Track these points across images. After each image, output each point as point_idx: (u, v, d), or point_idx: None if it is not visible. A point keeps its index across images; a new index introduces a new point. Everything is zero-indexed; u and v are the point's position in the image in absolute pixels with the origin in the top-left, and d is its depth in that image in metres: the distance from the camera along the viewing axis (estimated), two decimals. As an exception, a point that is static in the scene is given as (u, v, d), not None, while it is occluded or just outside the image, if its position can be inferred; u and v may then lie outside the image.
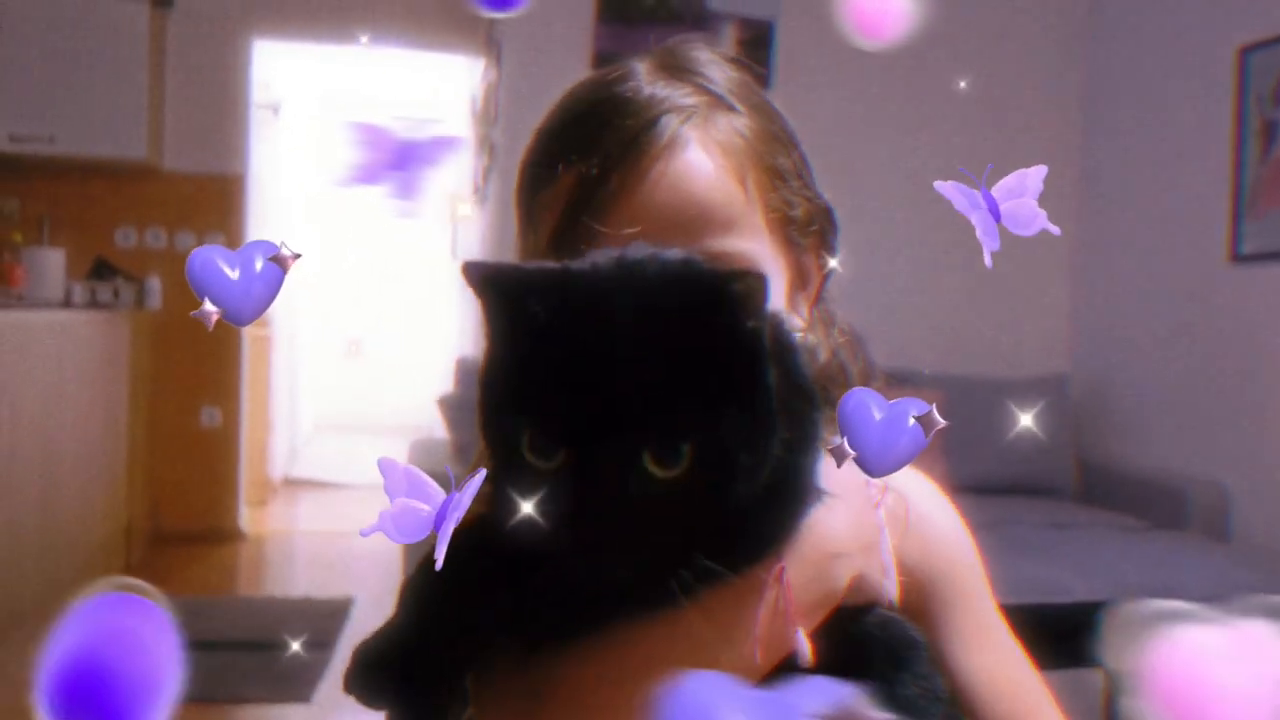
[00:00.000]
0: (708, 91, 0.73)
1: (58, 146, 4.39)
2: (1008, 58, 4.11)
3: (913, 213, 4.03)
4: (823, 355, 0.78)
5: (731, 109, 0.73)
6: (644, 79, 0.72)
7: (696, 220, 0.67)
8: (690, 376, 0.50)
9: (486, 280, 0.52)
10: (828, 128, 3.93)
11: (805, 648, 0.59)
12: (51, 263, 4.34)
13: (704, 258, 0.56)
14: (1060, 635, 2.63)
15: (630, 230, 0.64)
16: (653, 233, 0.63)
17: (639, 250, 0.55)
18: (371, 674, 0.61)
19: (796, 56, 3.87)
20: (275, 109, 6.17)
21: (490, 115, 4.07)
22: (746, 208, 0.71)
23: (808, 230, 0.77)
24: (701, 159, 0.69)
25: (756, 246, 0.71)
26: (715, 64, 0.77)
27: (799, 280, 0.79)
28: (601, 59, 3.71)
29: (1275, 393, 3.26)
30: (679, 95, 0.71)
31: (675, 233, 0.65)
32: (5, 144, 4.35)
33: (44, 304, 4.11)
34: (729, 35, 3.83)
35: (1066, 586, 2.67)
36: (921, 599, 0.74)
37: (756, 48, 3.85)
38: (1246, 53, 3.44)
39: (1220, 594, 2.15)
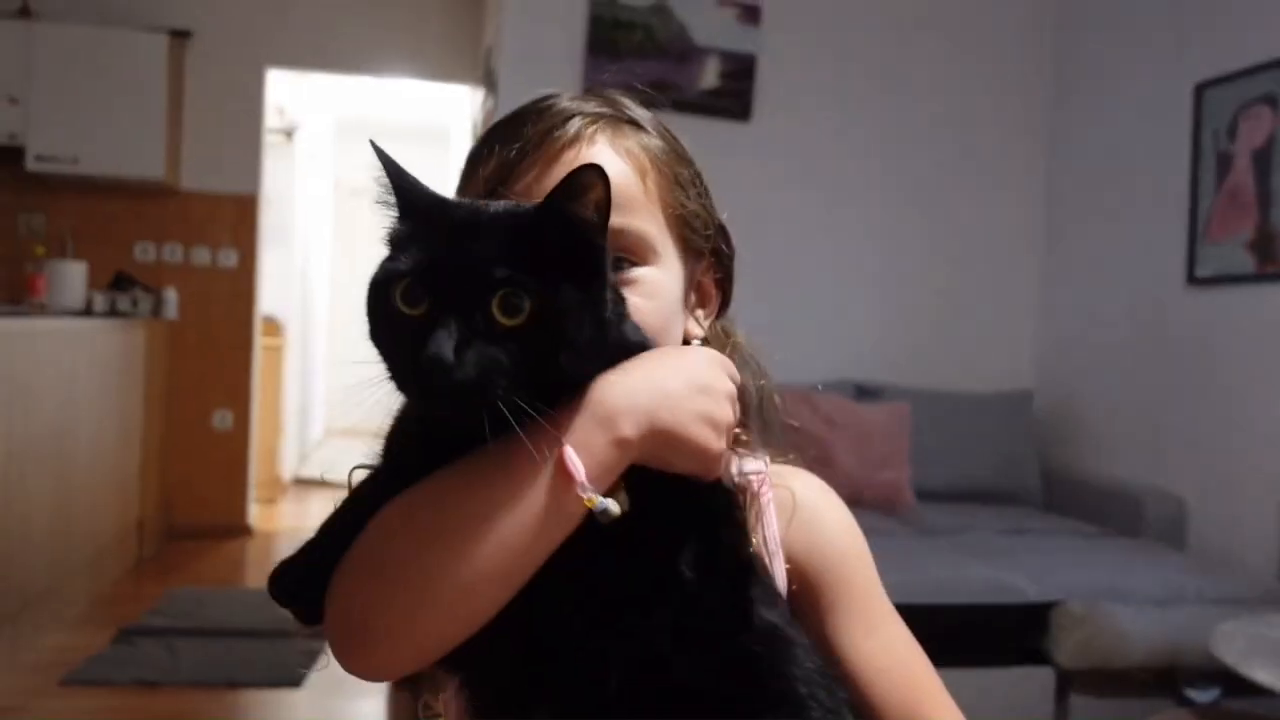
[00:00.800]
0: (618, 110, 0.85)
1: (81, 167, 4.63)
2: (976, 89, 4.29)
3: (887, 234, 4.23)
4: None
5: (638, 127, 0.84)
6: (565, 99, 0.85)
7: None
8: (536, 251, 0.63)
9: (394, 183, 0.68)
10: (806, 154, 4.14)
11: (609, 503, 0.64)
12: (73, 274, 4.57)
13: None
14: (1013, 634, 2.82)
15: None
16: None
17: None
18: (287, 578, 0.71)
19: (776, 87, 4.07)
20: (289, 133, 6.41)
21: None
22: (644, 199, 0.80)
23: (705, 239, 0.86)
24: (605, 151, 0.80)
25: (654, 231, 0.80)
26: (631, 100, 0.88)
27: (700, 297, 0.88)
28: (590, 92, 3.90)
29: (1230, 407, 3.38)
30: (591, 107, 0.83)
31: None
32: (33, 164, 4.59)
33: (65, 312, 4.33)
34: (712, 68, 4.01)
35: (1020, 588, 2.82)
36: (809, 588, 0.79)
37: (739, 79, 4.03)
38: (1203, 89, 3.60)
39: (1169, 597, 2.34)
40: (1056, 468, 4.05)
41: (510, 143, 0.80)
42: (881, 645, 0.78)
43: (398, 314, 0.64)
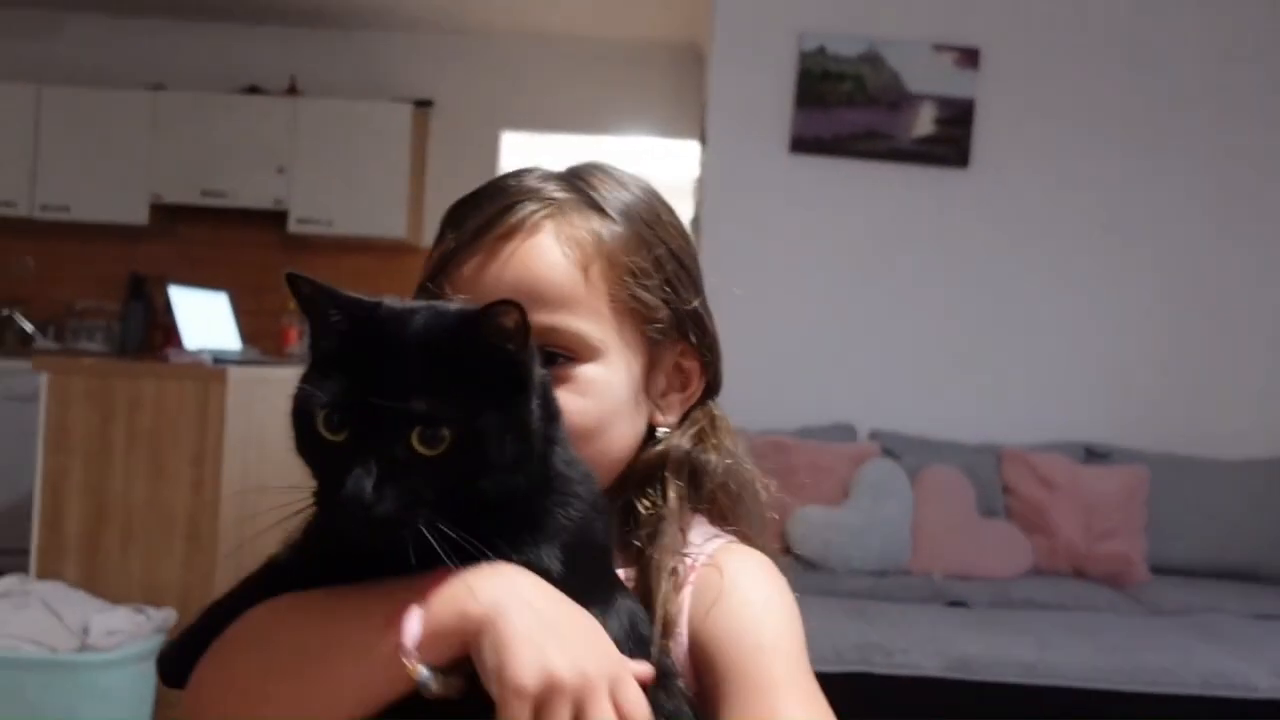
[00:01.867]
0: (581, 194, 0.81)
1: (335, 228, 5.07)
2: (1231, 117, 3.90)
3: (1119, 282, 3.91)
4: (684, 446, 0.82)
5: (599, 211, 0.81)
6: (534, 176, 0.82)
7: (533, 295, 0.74)
8: (456, 373, 0.63)
9: (305, 295, 0.67)
10: (1028, 200, 3.92)
11: (429, 677, 0.61)
12: (324, 327, 4.97)
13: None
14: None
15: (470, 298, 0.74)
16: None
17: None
18: (169, 660, 0.74)
19: (997, 133, 3.88)
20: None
21: (699, 194, 4.32)
22: (586, 292, 0.77)
23: (672, 331, 0.83)
24: (548, 243, 0.78)
25: (592, 328, 0.77)
26: (613, 180, 0.84)
27: (680, 380, 0.85)
28: (798, 142, 3.87)
29: None
30: (551, 190, 0.81)
31: None
32: (294, 226, 5.07)
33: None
34: (927, 115, 3.88)
35: (1251, 682, 2.51)
36: (714, 676, 0.73)
37: (955, 126, 3.88)
38: None
39: None
40: (1325, 545, 3.58)
41: (455, 227, 0.80)
42: None
43: (320, 439, 0.64)
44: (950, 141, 3.89)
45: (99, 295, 5.34)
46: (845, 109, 3.87)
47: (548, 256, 0.77)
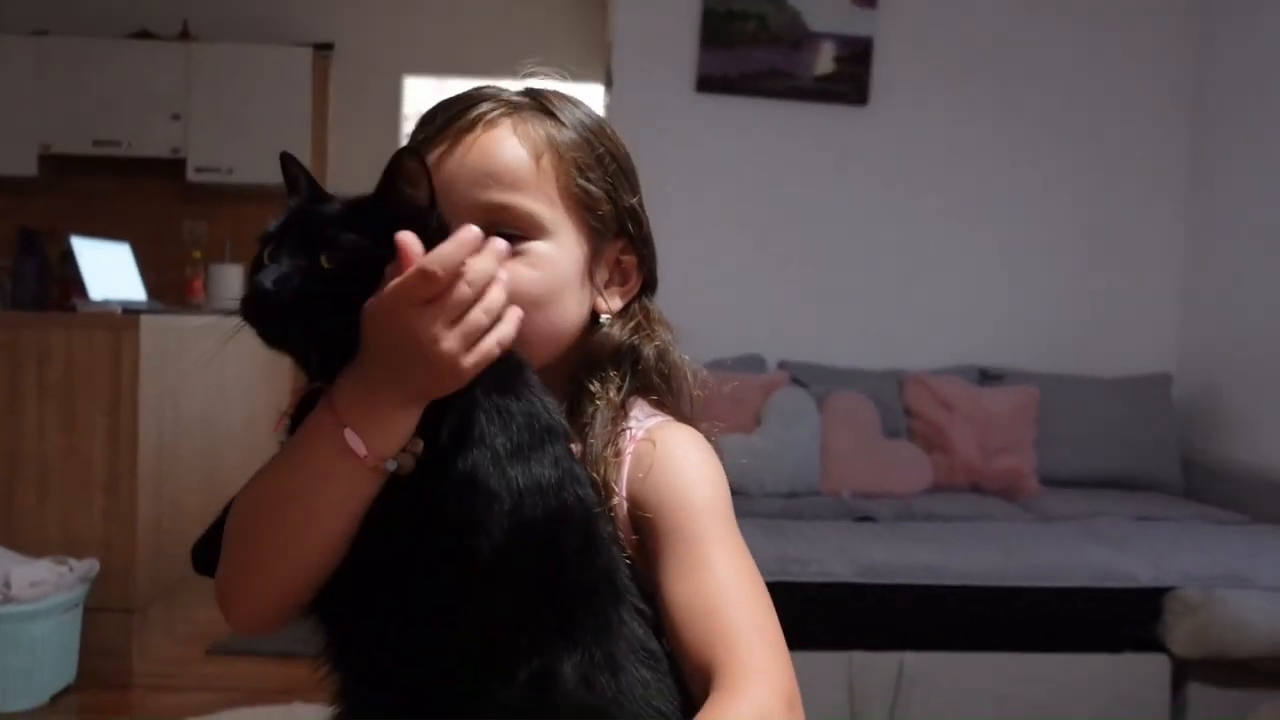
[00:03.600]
0: (537, 102, 0.92)
1: (235, 176, 4.97)
2: (1109, 61, 4.11)
3: (1011, 214, 4.11)
4: (623, 338, 0.92)
5: (552, 116, 0.91)
6: (491, 89, 0.92)
7: (490, 177, 0.86)
8: (374, 219, 0.75)
9: (290, 174, 0.84)
10: (925, 137, 4.07)
11: (392, 464, 0.73)
12: (230, 276, 4.90)
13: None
14: (1126, 621, 2.73)
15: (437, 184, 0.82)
16: (457, 185, 0.85)
17: None
18: (201, 550, 0.85)
19: (894, 70, 4.02)
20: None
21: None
22: (537, 178, 0.87)
23: (608, 221, 0.92)
24: (504, 135, 0.88)
25: (542, 209, 0.87)
26: (565, 99, 0.94)
27: (620, 275, 0.96)
28: (704, 81, 3.94)
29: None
30: (510, 95, 0.92)
31: (472, 185, 0.85)
32: (193, 175, 4.96)
33: (220, 312, 4.63)
34: (827, 53, 3.99)
35: (1133, 573, 2.71)
36: (650, 533, 0.83)
37: (855, 64, 3.99)
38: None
39: None
40: (1198, 454, 3.85)
41: (425, 123, 0.91)
42: (692, 589, 0.78)
43: (259, 260, 0.77)
44: (850, 79, 4.00)
45: (-12, 250, 5.17)
46: (749, 48, 3.96)
47: (503, 144, 0.87)
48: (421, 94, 5.72)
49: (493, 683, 0.72)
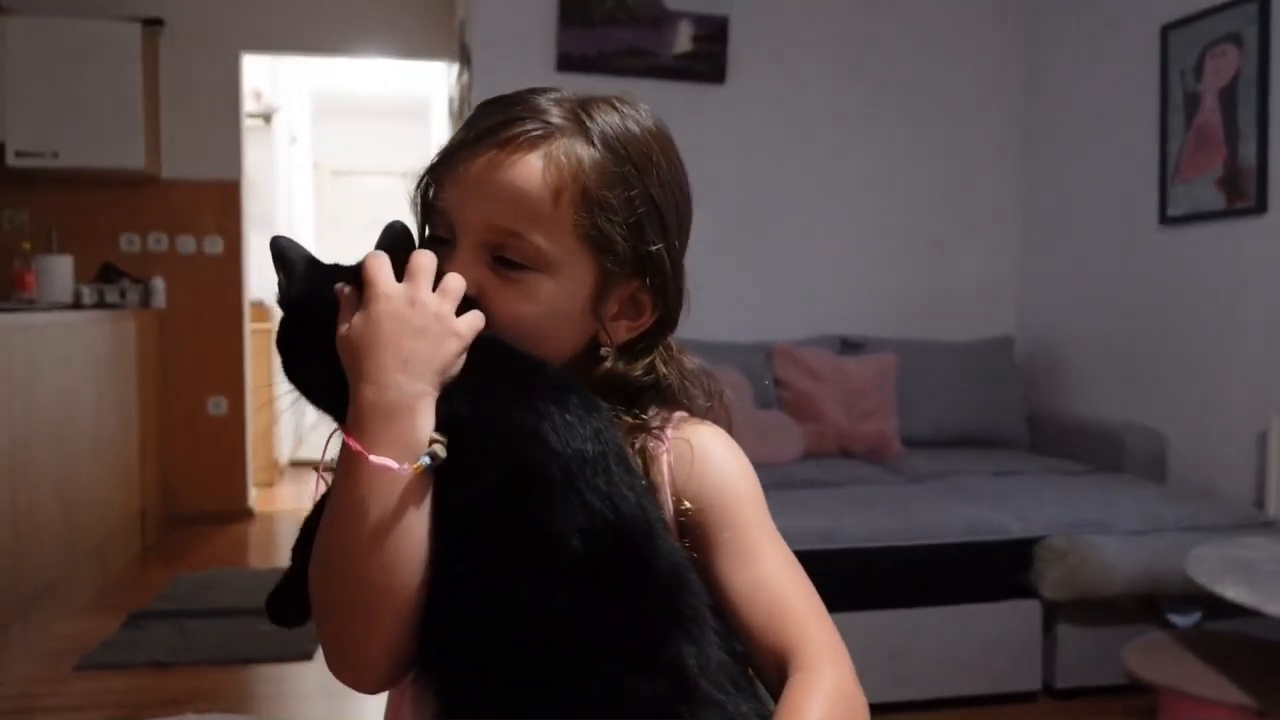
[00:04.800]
0: (579, 123, 0.87)
1: (61, 161, 4.64)
2: (949, 41, 4.33)
3: (864, 189, 4.28)
4: (613, 368, 0.91)
5: (588, 142, 0.87)
6: (547, 98, 0.88)
7: (508, 201, 0.84)
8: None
9: (276, 257, 0.90)
10: (781, 113, 4.18)
11: (425, 459, 0.75)
12: (60, 268, 4.60)
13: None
14: (1000, 570, 2.91)
15: (457, 192, 0.86)
16: (474, 199, 0.85)
17: None
18: (274, 603, 0.86)
19: (749, 48, 4.11)
20: (267, 117, 6.41)
21: (464, 115, 4.30)
22: (553, 213, 0.85)
23: (629, 265, 0.89)
24: (533, 161, 0.84)
25: (549, 246, 0.85)
26: (618, 115, 0.89)
27: (633, 308, 0.92)
28: (564, 60, 3.94)
29: (1206, 343, 3.46)
30: (553, 114, 0.87)
31: (489, 204, 0.84)
32: (13, 160, 4.59)
33: (55, 306, 4.36)
34: (685, 32, 4.04)
35: (1005, 526, 2.91)
36: (700, 529, 0.86)
37: (712, 42, 4.06)
38: (1168, 30, 3.65)
39: (1150, 528, 2.44)
40: (1041, 410, 4.13)
41: (469, 126, 0.89)
42: (753, 576, 0.83)
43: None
44: (708, 58, 4.07)
45: None
46: (609, 27, 3.97)
47: (527, 172, 0.84)
48: (260, 70, 5.48)
49: (634, 677, 0.72)
